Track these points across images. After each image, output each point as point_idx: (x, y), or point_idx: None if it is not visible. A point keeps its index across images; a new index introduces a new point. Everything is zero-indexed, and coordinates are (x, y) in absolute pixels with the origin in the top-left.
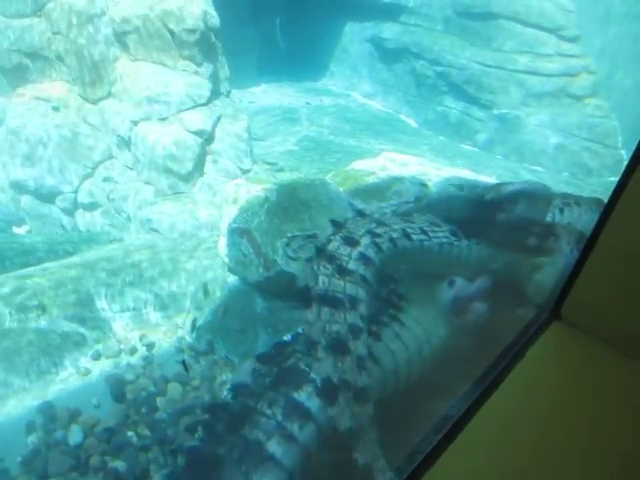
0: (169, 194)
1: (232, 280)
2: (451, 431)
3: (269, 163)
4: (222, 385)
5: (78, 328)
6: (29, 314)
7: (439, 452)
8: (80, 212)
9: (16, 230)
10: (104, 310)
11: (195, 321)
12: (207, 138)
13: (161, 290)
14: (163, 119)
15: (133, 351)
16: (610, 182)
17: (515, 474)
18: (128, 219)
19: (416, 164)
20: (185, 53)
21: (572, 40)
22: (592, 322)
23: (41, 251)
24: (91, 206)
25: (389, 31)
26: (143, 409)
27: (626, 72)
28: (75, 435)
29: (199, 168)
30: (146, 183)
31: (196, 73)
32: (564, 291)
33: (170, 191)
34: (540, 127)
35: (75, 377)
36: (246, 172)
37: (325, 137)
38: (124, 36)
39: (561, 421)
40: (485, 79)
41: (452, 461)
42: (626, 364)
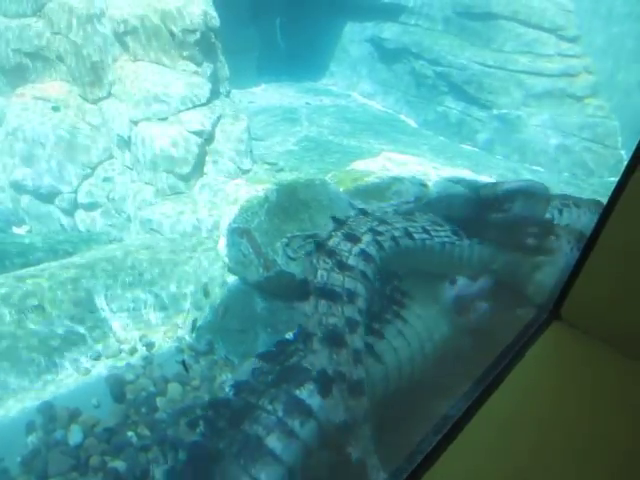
0: (169, 194)
1: (232, 280)
2: (451, 431)
3: (269, 163)
4: (222, 385)
5: (78, 328)
6: (29, 314)
7: (439, 452)
8: (80, 212)
9: (16, 230)
10: (104, 310)
11: (195, 321)
12: (207, 138)
13: (161, 290)
14: (163, 119)
15: (133, 351)
16: (610, 182)
17: (515, 474)
18: (128, 219)
19: (416, 164)
20: (185, 53)
21: (572, 40)
22: (592, 322)
23: (41, 251)
24: (91, 206)
25: (389, 31)
26: (143, 409)
27: (628, 72)
28: (75, 435)
29: (199, 168)
30: (146, 183)
31: (196, 73)
32: (564, 291)
33: (170, 191)
34: (540, 127)
35: (75, 377)
36: (246, 172)
37: (325, 137)
38: (124, 36)
39: (561, 421)
40: (485, 79)
41: (452, 461)
42: (626, 364)
